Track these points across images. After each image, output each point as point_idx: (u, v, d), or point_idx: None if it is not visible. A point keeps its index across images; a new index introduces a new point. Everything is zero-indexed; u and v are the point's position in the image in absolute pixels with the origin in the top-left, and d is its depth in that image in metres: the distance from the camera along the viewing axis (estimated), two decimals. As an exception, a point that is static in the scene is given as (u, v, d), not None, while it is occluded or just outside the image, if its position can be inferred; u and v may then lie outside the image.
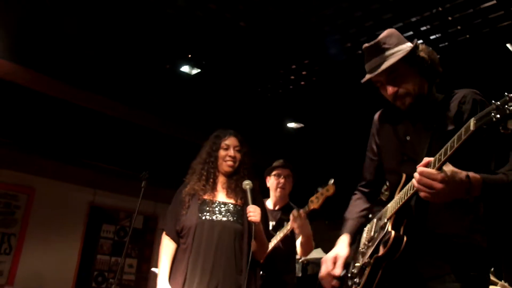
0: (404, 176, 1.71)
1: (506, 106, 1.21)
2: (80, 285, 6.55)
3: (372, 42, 1.83)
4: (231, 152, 2.75)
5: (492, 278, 3.32)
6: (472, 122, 1.31)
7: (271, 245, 3.19)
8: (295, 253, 3.47)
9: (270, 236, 2.88)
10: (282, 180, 3.51)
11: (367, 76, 1.82)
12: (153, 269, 2.78)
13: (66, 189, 6.55)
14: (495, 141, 1.59)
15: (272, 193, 3.55)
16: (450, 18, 3.92)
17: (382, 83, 1.81)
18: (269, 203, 3.55)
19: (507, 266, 4.55)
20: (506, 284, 3.38)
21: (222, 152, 2.75)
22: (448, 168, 1.44)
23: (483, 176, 1.47)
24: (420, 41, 1.87)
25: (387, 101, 1.88)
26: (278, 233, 3.25)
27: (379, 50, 1.79)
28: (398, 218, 1.66)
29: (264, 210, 2.75)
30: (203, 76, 5.19)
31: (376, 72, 1.76)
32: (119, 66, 5.05)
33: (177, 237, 2.63)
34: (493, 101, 1.26)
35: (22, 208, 6.17)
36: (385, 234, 1.65)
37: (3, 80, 4.77)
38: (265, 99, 5.74)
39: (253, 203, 2.56)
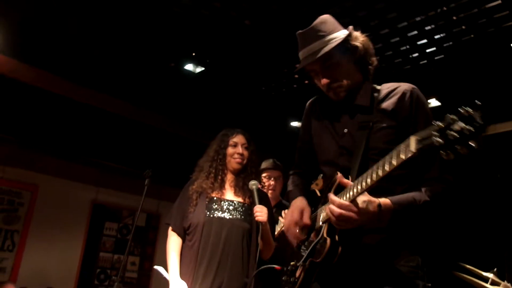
0: (338, 173, 1.59)
1: (447, 131, 1.13)
2: (83, 282, 6.56)
3: (306, 29, 1.77)
4: (239, 149, 2.75)
5: (495, 278, 3.31)
6: (412, 141, 1.23)
7: None
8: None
9: (275, 233, 2.88)
10: (272, 182, 3.53)
11: (301, 64, 1.77)
12: (155, 267, 2.77)
13: (69, 186, 6.56)
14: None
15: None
16: (454, 18, 3.91)
17: (316, 72, 1.76)
18: None
19: (510, 267, 4.54)
20: (508, 285, 3.37)
21: (230, 150, 2.76)
22: (363, 198, 1.44)
23: (394, 203, 1.47)
24: (352, 28, 1.81)
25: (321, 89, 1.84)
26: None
27: (314, 37, 1.73)
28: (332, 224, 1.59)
29: (270, 209, 2.75)
30: (207, 75, 5.20)
31: (310, 61, 1.71)
32: (123, 64, 5.06)
33: (183, 233, 2.64)
34: (433, 122, 1.17)
35: (25, 205, 6.18)
36: (320, 239, 1.61)
37: (8, 78, 4.79)
38: (269, 98, 5.74)
39: (260, 203, 2.56)
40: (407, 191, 1.56)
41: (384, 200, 1.47)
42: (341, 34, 1.74)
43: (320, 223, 1.67)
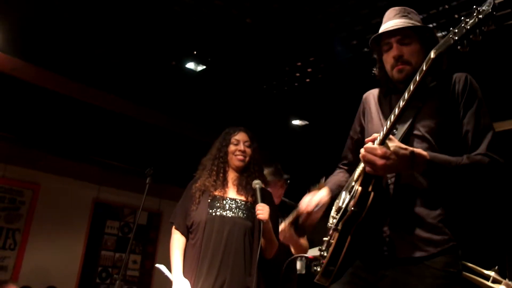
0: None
1: (462, 25, 1.32)
2: (84, 280, 6.58)
3: (397, 7, 1.83)
4: (241, 146, 2.76)
5: (496, 276, 3.31)
6: (432, 52, 1.39)
7: None
8: (290, 252, 3.48)
9: (278, 232, 2.88)
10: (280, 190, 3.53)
11: (381, 30, 1.79)
12: (157, 265, 2.78)
13: (70, 185, 6.58)
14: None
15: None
16: (456, 16, 3.90)
17: (390, 46, 1.78)
18: None
19: (511, 265, 4.54)
20: (510, 283, 3.36)
21: (232, 147, 2.76)
22: (392, 143, 1.47)
23: (431, 156, 1.49)
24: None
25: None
26: None
27: (403, 15, 1.79)
28: (366, 177, 1.58)
29: (274, 208, 2.76)
30: (208, 73, 5.19)
31: (393, 28, 1.74)
32: (124, 63, 5.06)
33: (186, 231, 2.64)
34: (450, 28, 1.35)
35: (27, 203, 6.19)
36: (352, 194, 1.60)
37: (9, 76, 4.79)
38: (270, 96, 5.73)
39: (263, 202, 2.57)
40: None
41: (419, 150, 1.49)
42: (424, 26, 1.81)
43: (352, 183, 1.69)
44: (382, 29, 1.81)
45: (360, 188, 1.55)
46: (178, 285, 2.46)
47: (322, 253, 1.71)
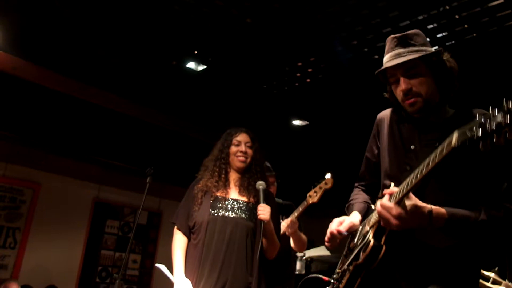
0: (393, 184, 1.62)
1: (488, 123, 1.17)
2: (84, 279, 6.58)
3: (399, 34, 1.75)
4: (242, 147, 2.76)
5: (496, 277, 3.30)
6: (454, 136, 1.27)
7: None
8: (290, 248, 3.49)
9: (280, 233, 2.89)
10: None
11: (386, 65, 1.72)
12: (157, 264, 2.78)
13: (71, 184, 6.59)
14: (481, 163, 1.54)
15: None
16: (457, 17, 3.90)
17: (396, 78, 1.72)
18: None
19: (511, 266, 4.54)
20: (510, 284, 3.36)
21: (233, 148, 2.77)
22: (410, 201, 1.44)
23: (448, 212, 1.46)
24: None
25: (393, 103, 1.82)
26: None
27: (405, 43, 1.71)
28: (380, 227, 1.60)
29: (275, 209, 2.76)
30: (209, 73, 5.20)
31: (396, 62, 1.67)
32: (125, 62, 5.06)
33: (188, 231, 2.65)
34: (477, 114, 1.22)
35: (27, 202, 6.20)
36: (365, 242, 1.62)
37: (10, 75, 4.79)
38: (270, 96, 5.73)
39: (265, 203, 2.58)
40: None
41: (437, 207, 1.46)
42: (430, 49, 1.72)
43: (367, 227, 1.69)
44: (386, 60, 1.76)
45: (372, 241, 1.57)
46: (179, 285, 2.47)
47: (334, 280, 1.75)
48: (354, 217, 1.83)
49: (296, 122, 6.35)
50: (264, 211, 2.53)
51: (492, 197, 1.55)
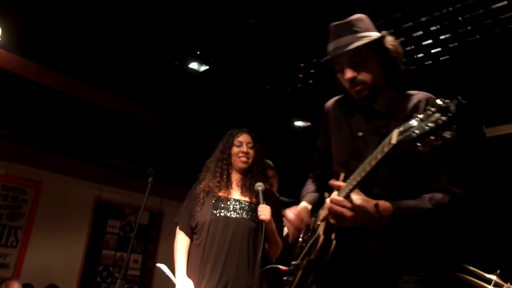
0: (342, 175, 1.61)
1: (425, 122, 1.17)
2: (85, 279, 6.59)
3: (340, 22, 1.74)
4: (244, 148, 2.77)
5: (498, 280, 3.29)
6: (395, 133, 1.27)
7: None
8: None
9: (283, 233, 2.88)
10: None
11: (329, 55, 1.73)
12: (158, 264, 2.79)
13: (73, 184, 6.59)
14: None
15: None
16: (460, 18, 3.89)
17: (341, 67, 1.72)
18: None
19: (513, 269, 4.52)
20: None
21: (235, 149, 2.78)
22: (357, 196, 1.44)
23: (394, 205, 1.47)
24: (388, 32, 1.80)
25: (341, 90, 1.83)
26: None
27: (348, 31, 1.70)
28: (329, 224, 1.57)
29: (277, 209, 2.76)
30: (211, 73, 5.20)
31: (340, 52, 1.67)
32: (127, 62, 5.07)
33: (190, 232, 2.65)
34: (415, 114, 1.22)
35: (29, 202, 6.21)
36: (316, 237, 1.61)
37: (12, 75, 4.80)
38: (272, 97, 5.73)
39: (266, 203, 2.59)
40: None
41: (383, 202, 1.47)
42: (374, 34, 1.72)
43: (318, 222, 1.67)
44: (330, 49, 1.75)
45: (322, 237, 1.55)
46: (181, 285, 2.47)
47: (288, 274, 1.73)
48: (305, 208, 1.82)
49: (298, 123, 6.34)
50: (264, 212, 2.54)
51: (437, 182, 1.57)
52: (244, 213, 2.65)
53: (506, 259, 4.47)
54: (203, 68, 5.12)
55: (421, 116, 1.20)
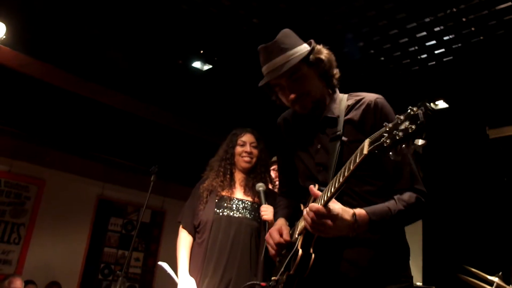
0: (311, 186, 1.58)
1: (395, 131, 1.17)
2: (87, 276, 6.60)
3: (269, 43, 1.76)
4: (248, 148, 2.77)
5: (500, 282, 3.29)
6: (366, 144, 1.28)
7: None
8: None
9: None
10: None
11: (267, 79, 1.74)
12: (159, 262, 2.79)
13: (75, 181, 6.60)
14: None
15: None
16: (464, 19, 3.89)
17: (281, 87, 1.74)
18: None
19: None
20: (514, 289, 3.35)
21: (238, 149, 2.78)
22: (335, 205, 1.44)
23: (369, 213, 1.48)
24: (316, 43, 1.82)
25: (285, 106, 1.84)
26: None
27: (278, 51, 1.72)
28: (307, 234, 1.56)
29: None
30: (214, 73, 5.20)
31: (276, 75, 1.69)
32: (131, 61, 5.07)
33: (193, 230, 2.66)
34: (384, 123, 1.22)
35: (32, 199, 6.22)
36: (294, 251, 1.58)
37: (16, 72, 4.82)
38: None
39: (268, 203, 2.58)
40: None
41: (359, 210, 1.48)
42: (304, 48, 1.75)
43: (296, 235, 1.66)
44: (265, 71, 1.76)
45: (300, 251, 1.54)
46: (183, 283, 2.48)
47: None
48: (281, 222, 1.82)
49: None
50: (267, 212, 2.54)
51: (400, 182, 1.58)
52: (247, 213, 2.65)
53: (508, 261, 4.47)
54: (207, 67, 5.12)
55: (390, 125, 1.20)
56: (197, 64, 5.08)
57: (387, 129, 1.20)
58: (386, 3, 3.81)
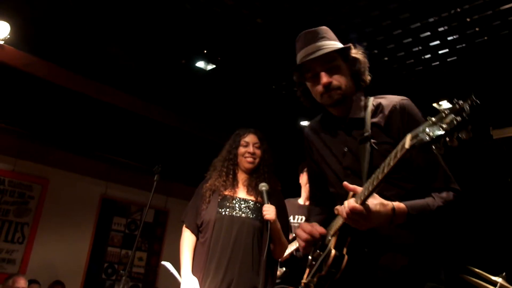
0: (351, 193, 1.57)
1: (440, 124, 1.15)
2: (90, 276, 6.61)
3: (312, 29, 1.77)
4: (251, 148, 2.77)
5: (504, 283, 3.28)
6: (407, 138, 1.26)
7: None
8: None
9: (288, 233, 2.88)
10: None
11: (304, 60, 1.73)
12: (163, 262, 2.80)
13: (79, 181, 6.62)
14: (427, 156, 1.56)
15: (303, 189, 3.68)
16: (468, 20, 3.88)
17: (314, 72, 1.73)
18: (301, 200, 3.67)
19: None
20: (517, 289, 3.34)
21: (241, 149, 2.78)
22: (374, 201, 1.43)
23: (408, 207, 1.48)
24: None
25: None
26: None
27: (319, 38, 1.73)
28: (341, 235, 1.56)
29: (283, 209, 2.76)
30: (218, 72, 5.20)
31: (315, 55, 1.68)
32: (135, 60, 5.09)
33: (197, 230, 2.67)
34: (428, 117, 1.21)
35: (35, 198, 6.24)
36: (327, 252, 1.57)
37: (21, 71, 4.83)
38: (279, 97, 5.73)
39: (271, 203, 2.60)
40: None
41: (398, 204, 1.47)
42: (341, 45, 1.76)
43: (329, 237, 1.65)
44: (302, 55, 1.76)
45: (333, 252, 1.53)
46: (186, 282, 2.48)
47: None
48: (311, 223, 1.79)
49: (304, 123, 6.33)
50: (269, 211, 2.54)
51: (435, 182, 1.58)
52: (250, 213, 2.66)
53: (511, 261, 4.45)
54: (210, 67, 5.13)
55: (433, 118, 1.18)
56: (200, 64, 5.08)
57: (430, 122, 1.18)
58: (390, 3, 3.80)
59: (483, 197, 5.26)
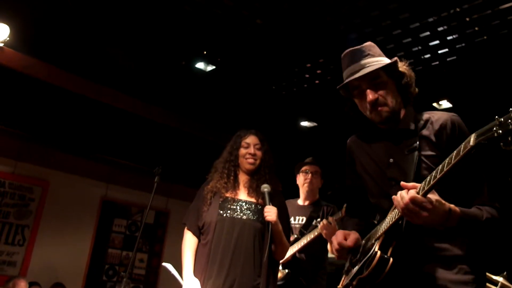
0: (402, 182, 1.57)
1: (509, 121, 1.17)
2: (91, 278, 6.61)
3: (356, 47, 1.79)
4: (251, 150, 2.77)
5: (505, 282, 3.27)
6: (472, 137, 1.27)
7: (302, 243, 3.28)
8: (326, 251, 3.49)
9: (290, 234, 2.87)
10: (309, 176, 3.60)
11: (350, 78, 1.75)
12: (164, 263, 2.80)
13: (79, 182, 6.61)
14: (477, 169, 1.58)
15: (300, 189, 3.68)
16: (467, 19, 3.88)
17: (361, 90, 1.75)
18: (300, 201, 3.67)
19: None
20: (519, 289, 3.33)
21: (242, 151, 2.78)
22: (434, 196, 1.43)
23: (462, 211, 1.48)
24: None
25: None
26: (309, 233, 3.29)
27: (363, 56, 1.75)
28: (387, 238, 1.55)
29: (284, 210, 2.76)
30: (218, 73, 5.21)
31: (359, 74, 1.71)
32: (135, 62, 5.09)
33: (198, 231, 2.67)
34: (496, 117, 1.22)
35: (36, 200, 6.24)
36: (370, 255, 1.55)
37: (21, 74, 4.84)
38: (279, 97, 5.73)
39: (272, 204, 2.59)
40: None
41: (454, 206, 1.47)
42: (387, 60, 1.77)
43: (372, 241, 1.64)
44: (347, 74, 1.78)
45: (379, 253, 1.51)
46: (188, 284, 2.48)
47: None
48: (354, 233, 1.79)
49: (304, 124, 6.34)
50: (270, 213, 2.54)
51: (480, 197, 1.59)
52: (251, 214, 2.65)
53: (513, 261, 4.45)
54: (210, 68, 5.13)
55: (501, 118, 1.20)
56: (200, 65, 5.09)
57: (498, 122, 1.20)
58: (389, 3, 3.81)
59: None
